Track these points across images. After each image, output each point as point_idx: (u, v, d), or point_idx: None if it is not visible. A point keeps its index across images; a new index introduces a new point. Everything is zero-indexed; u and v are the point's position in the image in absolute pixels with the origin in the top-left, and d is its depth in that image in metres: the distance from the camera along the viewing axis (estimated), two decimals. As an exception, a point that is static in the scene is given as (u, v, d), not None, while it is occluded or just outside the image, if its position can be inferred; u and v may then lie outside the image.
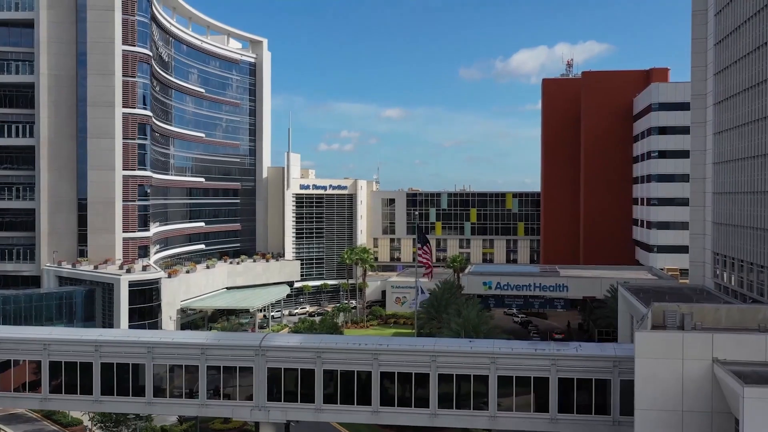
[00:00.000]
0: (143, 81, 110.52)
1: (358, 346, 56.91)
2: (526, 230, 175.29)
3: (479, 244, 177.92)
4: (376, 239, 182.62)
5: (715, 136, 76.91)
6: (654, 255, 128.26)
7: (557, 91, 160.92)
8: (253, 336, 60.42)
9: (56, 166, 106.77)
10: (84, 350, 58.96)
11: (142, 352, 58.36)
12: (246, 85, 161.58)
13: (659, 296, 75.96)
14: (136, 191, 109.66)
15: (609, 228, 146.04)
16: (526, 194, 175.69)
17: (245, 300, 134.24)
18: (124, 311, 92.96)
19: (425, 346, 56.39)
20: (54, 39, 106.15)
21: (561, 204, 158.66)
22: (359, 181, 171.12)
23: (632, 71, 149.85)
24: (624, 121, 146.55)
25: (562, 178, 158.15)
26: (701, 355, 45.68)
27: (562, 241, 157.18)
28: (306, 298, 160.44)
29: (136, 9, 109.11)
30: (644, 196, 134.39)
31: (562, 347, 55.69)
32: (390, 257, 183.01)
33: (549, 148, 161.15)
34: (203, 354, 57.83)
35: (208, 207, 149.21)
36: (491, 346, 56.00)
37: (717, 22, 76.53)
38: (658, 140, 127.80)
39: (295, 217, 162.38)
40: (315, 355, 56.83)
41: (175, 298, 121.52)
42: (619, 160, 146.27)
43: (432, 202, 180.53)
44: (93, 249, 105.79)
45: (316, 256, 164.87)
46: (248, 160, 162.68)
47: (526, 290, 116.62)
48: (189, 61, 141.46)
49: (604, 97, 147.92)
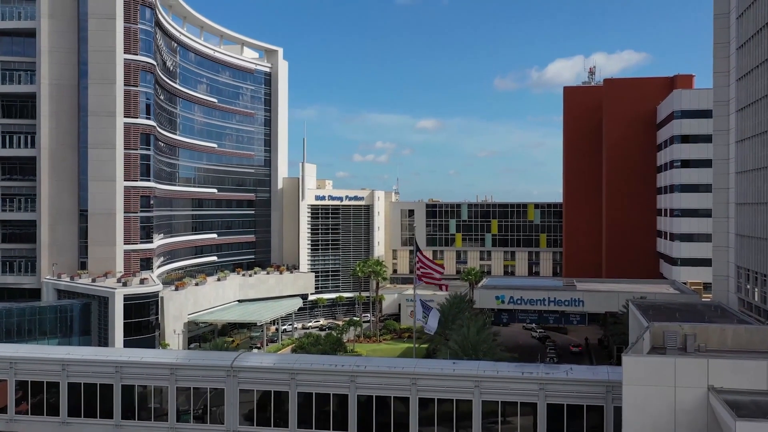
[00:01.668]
0: (146, 90, 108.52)
1: (334, 368, 53.44)
2: (548, 242, 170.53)
3: (500, 256, 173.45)
4: (395, 251, 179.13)
5: (738, 144, 72.45)
6: (677, 268, 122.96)
7: (579, 100, 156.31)
8: (225, 355, 57.22)
9: (57, 176, 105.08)
10: (51, 369, 56.45)
11: (110, 371, 55.62)
12: (261, 95, 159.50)
13: (669, 313, 71.55)
14: (139, 202, 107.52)
15: (633, 240, 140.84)
16: (548, 205, 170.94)
17: (255, 313, 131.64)
18: (118, 326, 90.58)
19: (405, 368, 52.76)
20: (55, 48, 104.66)
21: (583, 215, 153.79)
22: (376, 192, 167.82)
23: (656, 78, 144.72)
24: (647, 130, 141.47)
25: (585, 188, 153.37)
26: (696, 382, 41.49)
27: (585, 254, 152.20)
28: (321, 311, 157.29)
29: (139, 17, 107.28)
30: (667, 207, 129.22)
31: (551, 370, 51.64)
32: (410, 269, 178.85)
33: (571, 157, 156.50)
34: (173, 374, 54.85)
35: (221, 218, 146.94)
36: (475, 369, 52.15)
37: (739, 26, 72.13)
38: (681, 149, 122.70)
39: (310, 229, 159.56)
40: (289, 376, 53.53)
41: (182, 311, 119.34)
42: (642, 170, 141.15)
43: (452, 213, 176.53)
44: (94, 261, 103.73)
45: (331, 268, 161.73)
46: (263, 170, 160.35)
47: (540, 305, 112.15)
48: (200, 71, 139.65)
49: (627, 105, 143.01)
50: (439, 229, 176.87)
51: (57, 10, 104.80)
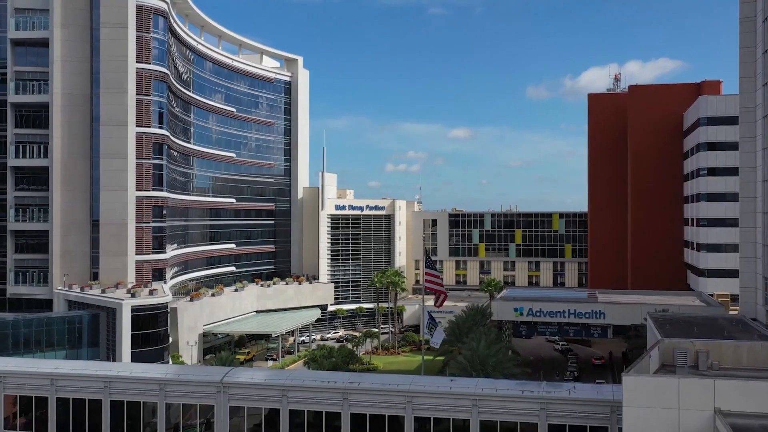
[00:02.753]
0: (159, 99, 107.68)
1: (327, 384, 51.37)
2: (573, 252, 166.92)
3: (524, 266, 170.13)
4: (418, 261, 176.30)
5: (765, 152, 69.32)
6: (704, 280, 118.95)
7: (604, 107, 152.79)
8: (215, 371, 55.41)
9: (69, 186, 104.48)
10: (40, 384, 55.06)
11: (99, 386, 54.12)
12: (281, 104, 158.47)
13: (687, 328, 68.55)
14: (151, 212, 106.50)
15: (659, 250, 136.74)
16: (574, 215, 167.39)
17: (272, 324, 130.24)
18: (126, 337, 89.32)
19: (400, 386, 50.49)
20: (68, 58, 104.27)
21: (608, 225, 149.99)
22: (397, 202, 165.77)
23: (682, 84, 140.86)
24: (674, 137, 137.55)
25: (610, 197, 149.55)
26: (701, 404, 38.68)
27: (610, 264, 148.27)
28: (341, 322, 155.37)
29: (152, 26, 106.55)
30: (694, 216, 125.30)
31: (553, 389, 49.00)
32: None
33: (595, 166, 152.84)
34: (162, 390, 53.14)
35: (240, 228, 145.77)
36: (473, 387, 49.71)
37: (765, 30, 69.12)
38: (707, 157, 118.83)
39: (330, 239, 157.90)
40: (280, 393, 51.54)
41: (197, 323, 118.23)
42: (669, 179, 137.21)
43: (475, 222, 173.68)
44: (105, 272, 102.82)
45: (351, 278, 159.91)
46: (283, 180, 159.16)
47: (559, 317, 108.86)
48: (217, 80, 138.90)
49: (653, 112, 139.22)
50: (463, 239, 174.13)
51: (70, 19, 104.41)
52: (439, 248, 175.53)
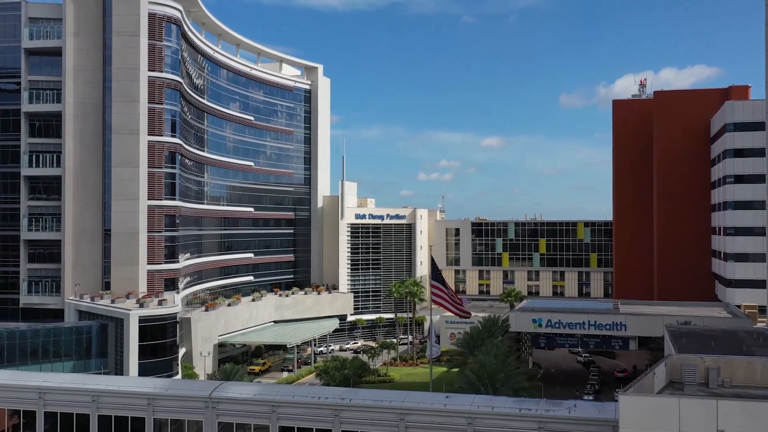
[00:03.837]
0: (172, 108, 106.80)
1: (317, 400, 49.33)
2: (599, 262, 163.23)
3: (549, 276, 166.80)
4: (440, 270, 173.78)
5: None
6: (731, 290, 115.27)
7: (629, 113, 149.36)
8: (205, 385, 53.74)
9: (81, 196, 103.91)
10: (28, 397, 53.76)
11: (87, 401, 52.67)
12: (301, 113, 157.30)
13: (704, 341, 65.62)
14: (163, 221, 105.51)
15: (686, 260, 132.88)
16: (599, 223, 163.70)
17: (288, 335, 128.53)
18: (133, 348, 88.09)
19: (393, 402, 48.31)
20: (80, 67, 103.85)
21: (634, 234, 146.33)
22: (419, 210, 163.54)
23: (709, 90, 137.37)
24: (701, 144, 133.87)
25: (635, 205, 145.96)
26: (702, 427, 36.12)
27: (637, 274, 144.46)
28: (360, 333, 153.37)
29: (164, 34, 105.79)
30: (721, 225, 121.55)
31: (552, 407, 46.44)
32: (455, 289, 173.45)
33: (621, 173, 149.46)
34: (150, 405, 51.53)
35: (258, 237, 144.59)
36: (469, 404, 47.35)
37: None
38: (734, 164, 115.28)
39: (350, 248, 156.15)
40: (270, 409, 49.64)
41: (212, 333, 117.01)
42: (696, 186, 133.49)
43: (498, 232, 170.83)
44: (116, 282, 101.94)
45: (372, 288, 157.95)
46: (303, 189, 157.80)
47: (579, 328, 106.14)
48: (235, 88, 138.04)
49: (679, 119, 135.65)
50: (486, 249, 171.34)
51: (82, 28, 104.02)
52: (462, 258, 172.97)
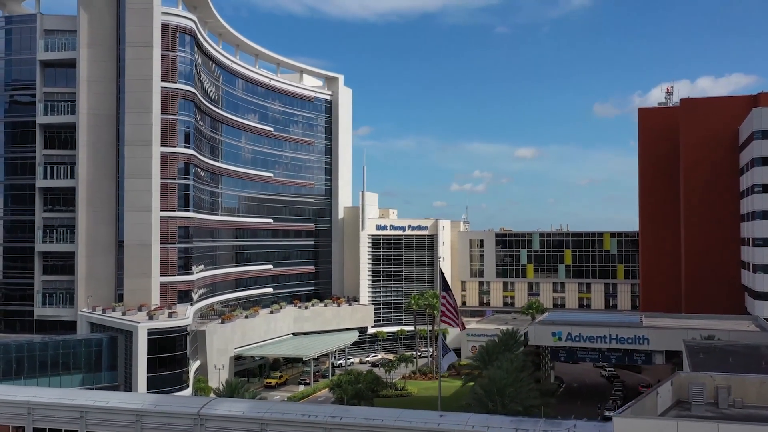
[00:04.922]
0: (185, 118, 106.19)
1: (307, 419, 47.48)
2: (626, 273, 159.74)
3: (575, 288, 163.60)
4: (464, 282, 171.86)
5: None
6: (760, 303, 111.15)
7: (655, 121, 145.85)
8: (194, 401, 52.27)
9: (95, 207, 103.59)
10: (17, 413, 52.63)
11: (75, 417, 51.40)
12: (321, 123, 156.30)
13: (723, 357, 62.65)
14: (176, 233, 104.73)
15: (715, 272, 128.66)
16: (626, 234, 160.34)
17: (306, 347, 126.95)
18: (142, 361, 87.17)
19: (385, 421, 46.31)
20: (94, 78, 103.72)
21: (661, 245, 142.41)
22: (441, 221, 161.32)
23: (737, 96, 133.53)
24: (729, 152, 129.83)
25: (662, 215, 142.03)
26: (702, 452, 33.54)
27: (664, 286, 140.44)
28: (381, 345, 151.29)
29: (178, 45, 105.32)
30: (750, 235, 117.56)
31: (551, 427, 44.07)
32: (479, 301, 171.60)
33: (647, 182, 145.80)
34: (138, 421, 50.09)
35: (278, 249, 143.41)
36: (463, 424, 45.20)
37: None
38: (762, 172, 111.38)
39: (371, 259, 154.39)
40: (259, 427, 47.91)
41: (228, 345, 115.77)
42: (724, 196, 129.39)
43: (523, 242, 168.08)
44: (129, 293, 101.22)
45: (393, 300, 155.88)
46: (324, 200, 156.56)
47: (600, 342, 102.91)
48: (253, 98, 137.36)
49: (707, 127, 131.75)
50: (510, 260, 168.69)
51: (96, 39, 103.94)
52: (486, 269, 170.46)
